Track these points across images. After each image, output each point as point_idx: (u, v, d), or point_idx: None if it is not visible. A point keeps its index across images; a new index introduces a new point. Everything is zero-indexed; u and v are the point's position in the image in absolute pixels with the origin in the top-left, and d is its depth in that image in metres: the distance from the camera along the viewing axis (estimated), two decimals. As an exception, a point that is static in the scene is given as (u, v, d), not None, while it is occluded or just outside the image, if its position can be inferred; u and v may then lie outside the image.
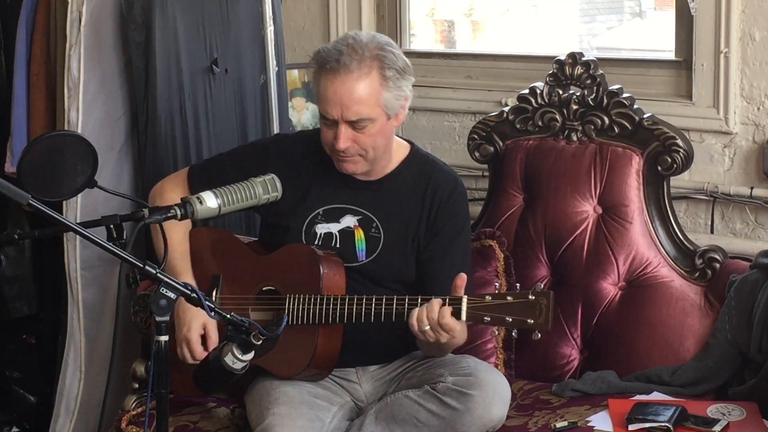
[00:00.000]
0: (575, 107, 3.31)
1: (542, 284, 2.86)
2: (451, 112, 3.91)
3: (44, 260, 3.85)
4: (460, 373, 2.77)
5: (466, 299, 2.64)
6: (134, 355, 3.36)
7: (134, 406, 3.12)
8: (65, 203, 3.44)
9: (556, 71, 3.33)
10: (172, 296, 2.16)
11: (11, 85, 3.62)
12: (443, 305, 2.65)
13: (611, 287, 3.21)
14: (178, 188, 3.00)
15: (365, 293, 2.80)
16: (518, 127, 3.38)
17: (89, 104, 3.46)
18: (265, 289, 2.91)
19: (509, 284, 3.23)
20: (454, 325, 2.65)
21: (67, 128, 3.43)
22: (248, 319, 2.25)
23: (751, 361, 2.96)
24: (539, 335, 2.62)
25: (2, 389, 4.00)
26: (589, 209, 3.26)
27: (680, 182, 3.40)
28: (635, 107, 3.26)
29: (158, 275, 2.17)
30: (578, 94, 3.31)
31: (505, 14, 4.29)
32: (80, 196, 3.34)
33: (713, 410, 2.86)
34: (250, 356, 2.25)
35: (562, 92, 3.33)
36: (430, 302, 2.67)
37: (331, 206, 2.94)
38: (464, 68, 3.97)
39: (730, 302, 3.04)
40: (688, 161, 3.21)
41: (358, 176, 2.92)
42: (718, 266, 3.14)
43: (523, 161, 3.36)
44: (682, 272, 3.17)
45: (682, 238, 3.21)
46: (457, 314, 2.64)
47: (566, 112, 3.32)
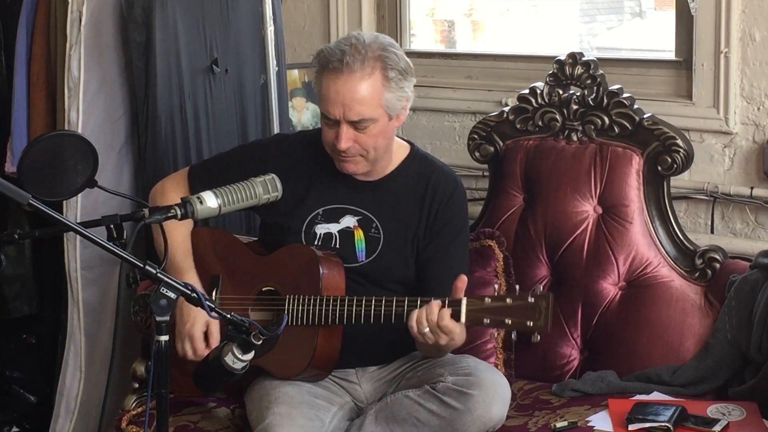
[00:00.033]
0: (575, 107, 3.31)
1: (542, 286, 2.85)
2: (451, 112, 3.91)
3: (44, 260, 3.84)
4: (460, 372, 2.77)
5: (465, 301, 2.64)
6: (134, 355, 3.35)
7: (134, 406, 3.12)
8: (65, 203, 3.43)
9: (556, 71, 3.33)
10: (172, 296, 2.16)
11: (11, 85, 3.61)
12: (443, 307, 2.65)
13: (611, 287, 3.21)
14: (178, 188, 3.00)
15: (365, 294, 2.80)
16: (518, 127, 3.38)
17: (89, 104, 3.46)
18: (264, 289, 2.91)
19: (509, 284, 3.22)
20: (453, 327, 2.65)
21: (67, 128, 3.43)
22: (248, 319, 2.25)
23: (751, 361, 2.96)
24: (539, 338, 2.62)
25: (2, 389, 4.00)
26: (589, 209, 3.26)
27: (680, 182, 3.40)
28: (635, 107, 3.26)
29: (158, 275, 2.17)
30: (578, 94, 3.31)
31: (505, 14, 4.28)
32: (80, 196, 3.34)
33: (713, 410, 2.86)
34: (250, 356, 2.25)
35: (562, 92, 3.32)
36: (429, 304, 2.67)
37: (330, 206, 2.94)
38: (464, 68, 3.97)
39: (730, 302, 3.04)
40: (688, 161, 3.21)
41: (358, 176, 2.92)
42: (718, 266, 3.14)
43: (523, 161, 3.36)
44: (682, 272, 3.17)
45: (682, 238, 3.21)
46: (456, 316, 2.64)
47: (566, 112, 3.32)
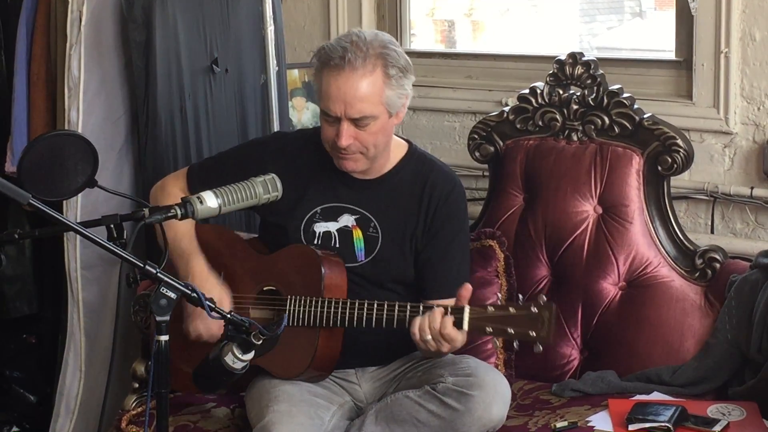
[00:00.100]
0: (575, 107, 3.31)
1: (544, 294, 2.84)
2: (451, 112, 3.91)
3: (44, 260, 3.84)
4: (460, 373, 2.76)
5: (468, 309, 2.64)
6: (134, 355, 3.36)
7: (134, 405, 3.12)
8: (65, 203, 3.43)
9: (556, 71, 3.33)
10: (172, 296, 2.16)
11: (11, 84, 3.61)
12: (445, 315, 2.65)
13: (611, 287, 3.21)
14: (178, 187, 3.00)
15: (365, 294, 2.80)
16: (518, 127, 3.38)
17: (89, 104, 3.46)
18: (266, 288, 2.90)
19: (510, 284, 3.23)
20: (455, 335, 2.65)
21: (67, 128, 3.43)
22: (248, 318, 2.25)
23: (751, 361, 2.96)
24: (541, 348, 2.60)
25: (2, 389, 4.00)
26: (589, 209, 3.26)
27: (680, 182, 3.40)
28: (635, 107, 3.25)
29: (158, 275, 2.17)
30: (578, 94, 3.31)
31: (505, 14, 4.28)
32: (80, 195, 3.34)
33: (713, 410, 2.86)
34: (250, 356, 2.25)
35: (562, 92, 3.32)
36: (432, 311, 2.66)
37: (328, 205, 2.94)
38: (464, 68, 3.97)
39: (730, 302, 3.04)
40: (688, 161, 3.21)
41: (355, 175, 2.91)
42: (718, 266, 3.14)
43: (523, 161, 3.36)
44: (682, 272, 3.17)
45: (682, 238, 3.21)
46: (458, 324, 2.64)
47: (566, 112, 3.32)
